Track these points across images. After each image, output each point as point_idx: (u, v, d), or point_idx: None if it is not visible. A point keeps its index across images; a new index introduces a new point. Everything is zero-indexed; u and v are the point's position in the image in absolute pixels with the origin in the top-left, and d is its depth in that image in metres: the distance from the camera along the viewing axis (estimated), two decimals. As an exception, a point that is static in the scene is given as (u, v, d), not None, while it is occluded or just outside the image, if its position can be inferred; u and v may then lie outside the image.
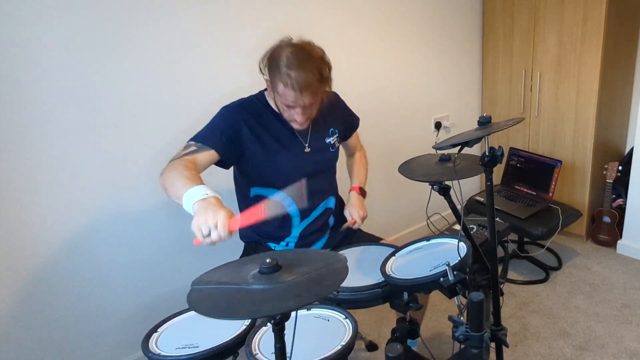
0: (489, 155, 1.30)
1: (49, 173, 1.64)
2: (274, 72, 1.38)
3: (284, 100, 1.39)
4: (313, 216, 1.64)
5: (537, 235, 2.45)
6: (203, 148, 1.39)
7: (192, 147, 1.39)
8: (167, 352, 1.10)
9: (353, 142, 1.85)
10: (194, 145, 1.40)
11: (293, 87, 1.34)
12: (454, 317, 1.17)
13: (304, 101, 1.38)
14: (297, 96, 1.36)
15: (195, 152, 1.37)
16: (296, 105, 1.40)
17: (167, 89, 1.83)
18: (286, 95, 1.37)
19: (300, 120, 1.44)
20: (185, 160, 1.32)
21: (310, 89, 1.36)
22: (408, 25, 2.62)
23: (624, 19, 2.61)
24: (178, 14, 1.80)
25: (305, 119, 1.46)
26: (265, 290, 0.83)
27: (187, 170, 1.25)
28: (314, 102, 1.42)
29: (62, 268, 1.72)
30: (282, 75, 1.35)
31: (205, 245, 1.08)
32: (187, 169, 1.26)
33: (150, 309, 1.97)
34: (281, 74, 1.35)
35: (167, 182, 1.26)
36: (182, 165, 1.29)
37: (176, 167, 1.28)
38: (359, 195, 1.72)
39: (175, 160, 1.35)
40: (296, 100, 1.38)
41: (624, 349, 1.97)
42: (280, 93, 1.38)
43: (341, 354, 1.02)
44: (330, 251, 0.99)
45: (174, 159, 1.36)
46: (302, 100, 1.38)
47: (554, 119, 2.82)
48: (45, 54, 1.55)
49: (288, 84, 1.34)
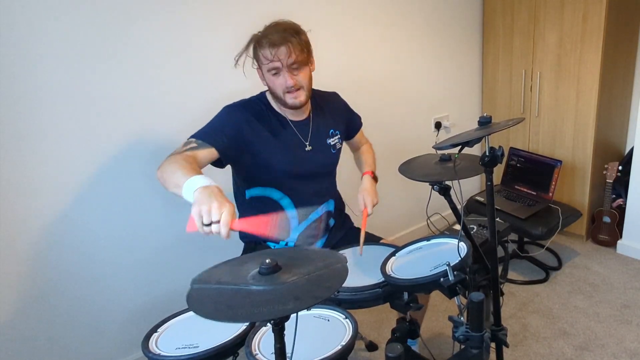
0: (489, 155, 1.30)
1: (48, 173, 1.64)
2: (254, 48, 1.43)
3: (267, 64, 1.40)
4: (312, 218, 1.64)
5: (537, 235, 2.45)
6: (203, 145, 1.39)
7: (193, 144, 1.39)
8: (167, 352, 1.10)
9: (358, 139, 1.85)
10: (194, 142, 1.39)
11: (270, 44, 1.37)
12: (454, 317, 1.17)
13: (283, 55, 1.39)
14: (275, 51, 1.38)
15: (196, 149, 1.37)
16: (280, 66, 1.40)
17: (167, 88, 1.83)
18: (266, 57, 1.39)
19: (290, 82, 1.42)
20: (185, 155, 1.32)
21: (287, 42, 1.38)
22: (408, 26, 2.62)
23: (624, 19, 2.60)
24: (177, 13, 1.80)
25: (296, 85, 1.44)
26: (265, 292, 0.82)
27: (188, 163, 1.26)
28: (295, 59, 1.41)
29: (61, 268, 1.72)
30: (259, 42, 1.40)
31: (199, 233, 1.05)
32: (187, 162, 1.27)
33: (150, 309, 1.97)
34: (260, 42, 1.40)
35: (167, 173, 1.25)
36: (182, 158, 1.29)
37: (177, 160, 1.28)
38: (371, 179, 1.69)
39: (175, 154, 1.35)
40: (275, 56, 1.38)
41: (624, 349, 1.97)
42: (261, 59, 1.41)
43: (341, 354, 1.02)
44: (331, 250, 0.98)
45: (173, 154, 1.36)
46: (280, 55, 1.38)
47: (554, 119, 2.82)
48: (43, 53, 1.55)
49: (263, 44, 1.39)
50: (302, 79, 1.45)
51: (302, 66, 1.44)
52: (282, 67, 1.40)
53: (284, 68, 1.41)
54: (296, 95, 1.46)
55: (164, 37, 1.78)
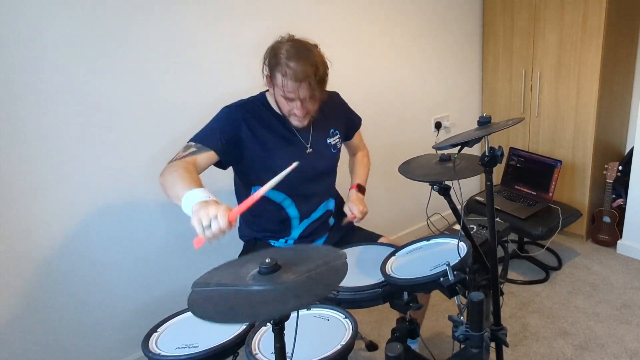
0: (489, 155, 1.30)
1: (48, 173, 1.64)
2: (273, 65, 1.40)
3: (283, 91, 1.40)
4: (313, 217, 1.64)
5: (537, 235, 2.45)
6: (203, 149, 1.39)
7: (192, 148, 1.39)
8: (167, 352, 1.10)
9: (355, 142, 1.85)
10: (193, 146, 1.40)
11: (291, 77, 1.36)
12: (454, 317, 1.17)
13: (302, 92, 1.39)
14: (296, 87, 1.37)
15: (195, 153, 1.38)
16: (295, 98, 1.41)
17: (167, 89, 1.83)
18: (285, 86, 1.38)
19: (300, 113, 1.44)
20: (185, 162, 1.33)
21: (308, 79, 1.37)
22: (408, 25, 2.62)
23: (624, 19, 2.60)
24: (178, 13, 1.80)
25: (305, 114, 1.45)
26: (265, 292, 0.82)
27: (188, 173, 1.26)
28: (312, 95, 1.42)
29: (61, 268, 1.72)
30: (281, 66, 1.37)
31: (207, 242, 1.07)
32: (187, 171, 1.27)
33: (150, 309, 1.97)
34: (280, 65, 1.37)
35: (167, 183, 1.26)
36: (182, 167, 1.29)
37: (176, 169, 1.28)
38: (357, 192, 1.71)
39: (175, 161, 1.35)
40: (294, 90, 1.38)
41: (624, 348, 1.97)
42: (279, 85, 1.39)
43: (341, 353, 1.02)
44: (330, 247, 0.98)
45: (173, 160, 1.37)
46: (300, 91, 1.39)
47: (554, 119, 2.82)
48: (43, 54, 1.55)
49: (287, 74, 1.36)
50: (312, 107, 1.47)
51: (315, 97, 1.44)
52: (297, 99, 1.41)
53: (297, 100, 1.42)
54: (301, 121, 1.48)
55: (165, 38, 1.78)
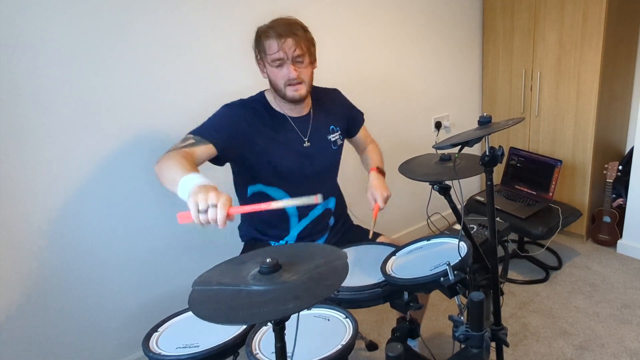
0: (489, 155, 1.30)
1: (48, 172, 1.64)
2: (258, 42, 1.44)
3: (271, 55, 1.41)
4: (312, 216, 1.64)
5: (537, 235, 2.45)
6: (201, 142, 1.38)
7: (191, 140, 1.38)
8: (167, 351, 1.10)
9: (362, 138, 1.83)
10: (192, 138, 1.39)
11: (274, 36, 1.39)
12: (454, 316, 1.17)
13: (289, 50, 1.40)
14: (280, 43, 1.39)
15: (193, 145, 1.37)
16: (283, 57, 1.41)
17: (168, 87, 1.83)
18: (271, 47, 1.41)
19: (293, 74, 1.43)
20: (183, 152, 1.32)
21: (292, 35, 1.40)
22: (408, 25, 2.62)
23: (624, 19, 2.60)
24: (178, 10, 1.80)
25: (298, 77, 1.44)
26: (266, 292, 0.82)
27: (185, 160, 1.26)
28: (301, 54, 1.42)
29: (61, 268, 1.72)
30: (265, 33, 1.42)
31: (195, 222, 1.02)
32: (185, 159, 1.27)
33: (150, 308, 1.97)
34: (262, 34, 1.42)
35: (163, 169, 1.25)
36: (180, 155, 1.29)
37: (174, 156, 1.27)
38: (378, 174, 1.66)
39: (172, 150, 1.34)
40: (280, 48, 1.40)
41: (624, 348, 1.97)
42: (267, 50, 1.42)
43: (341, 353, 1.02)
44: (331, 247, 0.98)
45: (171, 150, 1.35)
46: (286, 48, 1.40)
47: (554, 118, 2.82)
48: (43, 52, 1.55)
49: (270, 35, 1.40)
50: (305, 74, 1.47)
51: (305, 61, 1.45)
52: (287, 59, 1.42)
53: (288, 60, 1.42)
54: (297, 88, 1.47)
55: (165, 35, 1.78)
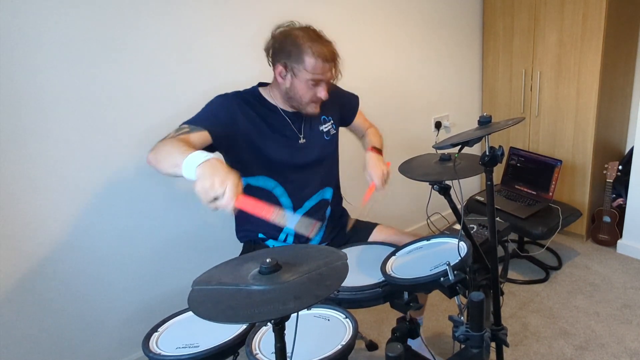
0: (489, 154, 1.30)
1: (48, 170, 1.64)
2: (294, 53, 1.40)
3: (314, 74, 1.41)
4: (306, 207, 1.62)
5: (537, 235, 2.45)
6: (196, 129, 1.37)
7: (185, 129, 1.37)
8: (167, 351, 1.10)
9: (360, 123, 1.82)
10: (187, 127, 1.38)
11: (324, 58, 1.39)
12: (454, 316, 1.17)
13: (329, 73, 1.44)
14: (326, 67, 1.41)
15: (188, 133, 1.35)
16: (323, 79, 1.44)
17: (168, 87, 1.83)
18: (316, 68, 1.40)
19: (324, 95, 1.46)
20: (179, 138, 1.31)
21: (335, 60, 1.43)
22: (408, 25, 2.62)
23: (624, 19, 2.60)
24: (178, 10, 1.80)
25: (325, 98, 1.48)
26: (265, 292, 0.82)
27: (184, 143, 1.25)
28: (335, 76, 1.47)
29: (61, 267, 1.72)
30: (307, 50, 1.39)
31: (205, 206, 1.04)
32: (183, 142, 1.26)
33: (151, 308, 1.97)
34: (305, 50, 1.39)
35: (161, 155, 1.23)
36: (176, 139, 1.28)
37: (171, 141, 1.26)
38: (374, 153, 1.63)
39: (167, 138, 1.32)
40: (325, 71, 1.42)
41: (624, 348, 1.97)
42: (308, 68, 1.41)
43: (341, 353, 1.02)
44: (331, 247, 0.98)
45: (165, 138, 1.33)
46: (330, 71, 1.43)
47: (554, 118, 2.82)
48: (43, 52, 1.55)
49: (317, 55, 1.39)
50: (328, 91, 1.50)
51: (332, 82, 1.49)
52: (324, 81, 1.44)
53: (324, 83, 1.45)
54: (317, 107, 1.51)
55: (165, 35, 1.78)
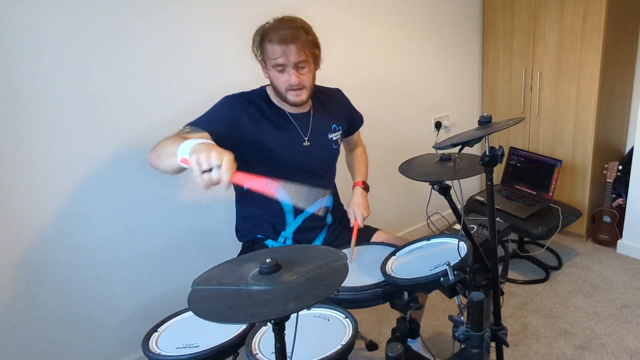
0: (489, 154, 1.30)
1: (48, 170, 1.63)
2: (261, 40, 1.41)
3: (273, 59, 1.40)
4: (307, 213, 1.63)
5: (537, 234, 2.45)
6: (197, 130, 1.38)
7: (187, 129, 1.38)
8: (167, 352, 1.10)
9: (355, 139, 1.86)
10: (189, 128, 1.39)
11: (279, 41, 1.37)
12: (454, 316, 1.17)
13: (292, 56, 1.39)
14: (283, 49, 1.38)
15: (188, 133, 1.36)
16: (286, 63, 1.40)
17: (168, 86, 1.83)
18: (274, 52, 1.39)
19: (294, 80, 1.42)
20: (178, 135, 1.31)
21: (296, 41, 1.38)
22: (408, 25, 2.62)
23: (624, 19, 2.60)
24: (178, 9, 1.80)
25: (299, 83, 1.44)
26: (265, 292, 0.82)
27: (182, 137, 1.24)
28: (304, 60, 1.42)
29: (61, 267, 1.72)
30: (268, 36, 1.39)
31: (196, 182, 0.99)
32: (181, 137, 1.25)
33: (150, 308, 1.97)
34: (267, 35, 1.39)
35: (160, 149, 1.24)
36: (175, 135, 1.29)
37: (169, 138, 1.27)
38: (362, 190, 1.72)
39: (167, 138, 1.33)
40: (283, 54, 1.38)
41: (624, 348, 1.97)
42: (268, 54, 1.40)
43: (341, 353, 1.02)
44: (331, 248, 0.98)
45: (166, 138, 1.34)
46: (289, 54, 1.38)
47: (554, 118, 2.82)
48: (43, 52, 1.55)
49: (274, 40, 1.37)
50: (307, 79, 1.46)
51: (308, 65, 1.45)
52: (289, 65, 1.41)
53: (290, 66, 1.41)
54: (298, 94, 1.47)
55: (165, 35, 1.78)
